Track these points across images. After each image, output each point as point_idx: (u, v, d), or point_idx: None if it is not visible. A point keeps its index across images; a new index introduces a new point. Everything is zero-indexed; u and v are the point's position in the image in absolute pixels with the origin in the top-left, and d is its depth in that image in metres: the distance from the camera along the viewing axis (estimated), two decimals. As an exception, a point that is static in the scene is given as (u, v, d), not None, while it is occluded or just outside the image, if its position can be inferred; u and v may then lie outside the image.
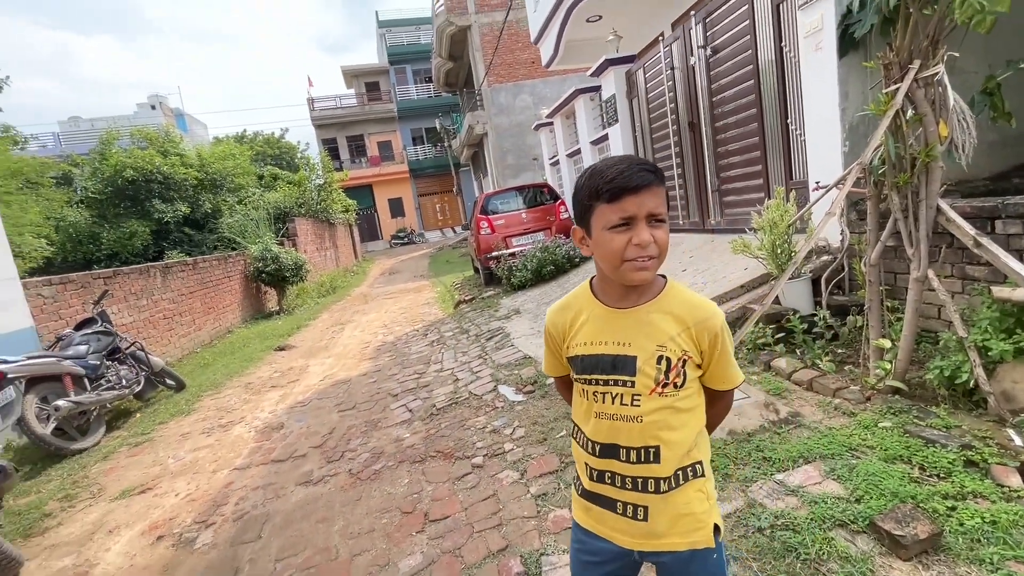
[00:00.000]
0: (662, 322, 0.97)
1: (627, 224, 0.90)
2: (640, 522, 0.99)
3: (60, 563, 2.52)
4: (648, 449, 0.97)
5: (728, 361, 1.01)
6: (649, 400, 0.97)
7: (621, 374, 0.97)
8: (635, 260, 0.91)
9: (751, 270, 3.79)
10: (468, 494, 2.50)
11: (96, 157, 12.75)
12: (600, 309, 1.01)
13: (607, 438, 1.00)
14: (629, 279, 0.94)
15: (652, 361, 0.96)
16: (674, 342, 0.96)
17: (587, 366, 1.01)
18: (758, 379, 2.87)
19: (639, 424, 0.97)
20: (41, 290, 4.97)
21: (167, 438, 4.06)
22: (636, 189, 0.89)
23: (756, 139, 4.45)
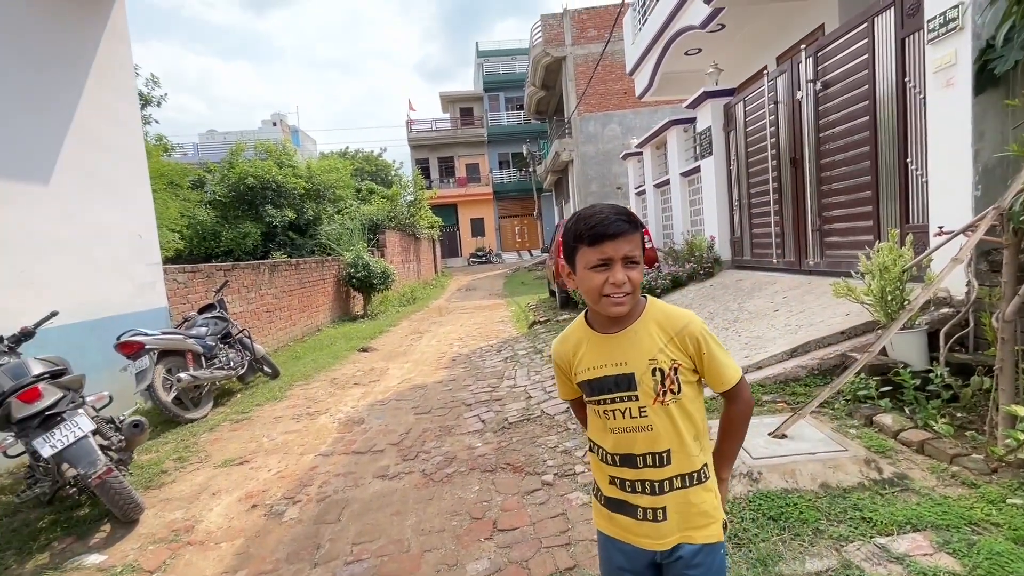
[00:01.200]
0: (648, 337, 1.07)
1: (605, 265, 1.02)
2: (660, 523, 1.08)
3: (172, 515, 2.83)
4: (659, 454, 1.07)
5: (719, 361, 1.08)
6: (655, 409, 1.06)
7: (624, 390, 1.08)
8: (611, 296, 1.02)
9: (853, 316, 3.52)
10: (537, 510, 2.52)
11: (225, 165, 14.46)
12: (595, 336, 1.13)
13: (624, 449, 1.09)
14: (607, 311, 1.05)
15: (648, 374, 1.06)
16: (663, 353, 1.06)
17: (594, 389, 1.12)
18: (857, 433, 2.65)
19: (650, 432, 1.07)
20: (177, 276, 5.70)
21: (263, 419, 4.45)
22: (614, 236, 1.00)
23: (868, 178, 4.17)
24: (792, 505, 2.14)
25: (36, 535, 2.69)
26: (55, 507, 2.93)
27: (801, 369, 3.32)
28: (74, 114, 4.49)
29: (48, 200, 4.12)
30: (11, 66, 3.94)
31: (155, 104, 13.96)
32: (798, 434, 2.62)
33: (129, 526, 2.72)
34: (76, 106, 4.52)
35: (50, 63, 4.30)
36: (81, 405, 2.73)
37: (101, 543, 2.60)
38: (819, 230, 4.86)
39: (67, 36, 4.50)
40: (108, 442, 2.85)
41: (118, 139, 4.95)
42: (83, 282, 4.37)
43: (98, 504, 2.84)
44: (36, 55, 4.17)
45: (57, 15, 4.41)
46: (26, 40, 4.09)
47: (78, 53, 4.62)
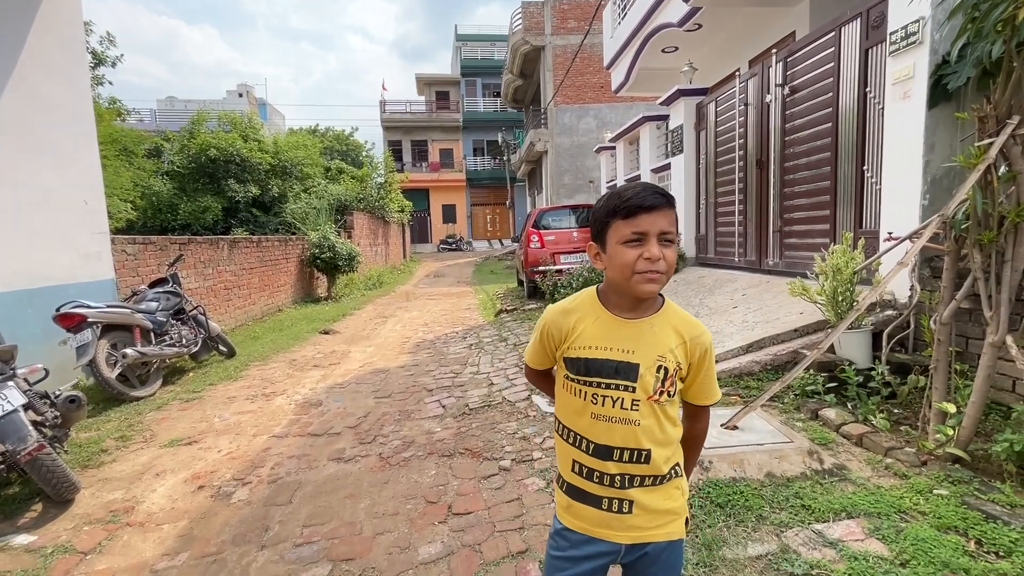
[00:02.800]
0: (663, 334, 1.06)
1: (639, 240, 0.99)
2: (625, 515, 1.06)
3: (111, 495, 2.70)
4: (640, 451, 1.05)
5: (713, 377, 1.12)
6: (647, 406, 1.05)
7: (623, 379, 1.05)
8: (645, 272, 0.99)
9: (807, 315, 3.66)
10: (493, 494, 2.53)
11: (185, 135, 13.77)
12: (607, 316, 1.09)
13: (603, 439, 1.06)
14: (638, 290, 1.02)
15: (652, 369, 1.04)
16: (672, 354, 1.06)
17: (590, 369, 1.07)
18: (803, 426, 2.76)
19: (636, 427, 1.05)
20: (126, 247, 5.41)
21: (215, 399, 4.30)
22: (650, 208, 0.99)
23: (827, 183, 4.33)
24: (739, 493, 2.21)
25: (-42, 514, 2.53)
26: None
27: (755, 364, 3.43)
28: (13, 68, 4.16)
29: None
30: (-59, 9, 3.62)
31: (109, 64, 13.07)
32: (749, 426, 2.71)
33: (63, 506, 2.58)
34: (16, 60, 4.19)
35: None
36: (11, 378, 2.56)
37: (31, 523, 2.46)
38: (780, 231, 5.02)
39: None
40: (42, 418, 2.69)
41: (64, 98, 4.62)
42: (19, 248, 4.09)
43: (29, 483, 2.69)
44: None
45: (-3, -43, 4.06)
46: (-40, -19, 3.76)
47: (21, 2, 4.27)
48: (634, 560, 1.09)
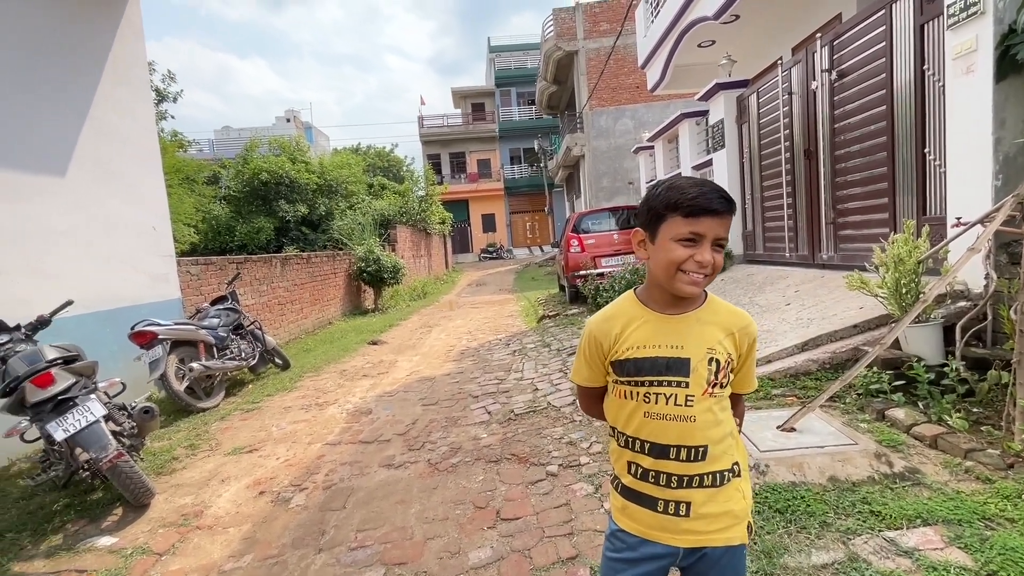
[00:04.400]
0: (710, 327, 1.05)
1: (693, 241, 0.97)
2: (681, 518, 1.03)
3: (182, 500, 2.88)
4: (698, 448, 1.02)
5: (754, 367, 1.13)
6: (702, 400, 1.02)
7: (675, 375, 1.03)
8: (690, 274, 0.99)
9: (867, 310, 3.45)
10: (541, 500, 2.51)
11: (240, 161, 14.62)
12: (650, 315, 1.07)
13: (658, 438, 1.04)
14: (679, 289, 1.01)
15: (704, 362, 1.02)
16: (721, 345, 1.04)
17: (639, 368, 1.05)
18: (868, 427, 2.59)
19: (692, 424, 1.02)
20: (190, 268, 5.79)
21: (272, 409, 4.50)
22: (714, 212, 0.96)
23: (884, 169, 4.08)
24: (799, 498, 2.10)
25: (51, 517, 2.76)
26: (70, 491, 2.99)
27: (812, 363, 3.26)
28: (89, 108, 4.56)
29: (64, 192, 4.20)
30: (29, 62, 4.02)
31: (171, 100, 14.12)
32: (807, 428, 2.58)
33: (140, 510, 2.77)
34: (91, 101, 4.59)
35: (66, 58, 4.37)
36: (93, 391, 2.78)
37: (113, 526, 2.66)
38: (833, 223, 4.77)
39: (83, 31, 4.57)
40: (120, 428, 2.90)
41: (132, 133, 5.02)
42: (98, 273, 4.45)
43: (111, 488, 2.90)
44: (53, 51, 4.24)
45: (73, 11, 4.48)
46: (43, 36, 4.16)
47: (94, 48, 4.69)
48: (693, 563, 1.06)
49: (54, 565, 2.34)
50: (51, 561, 2.37)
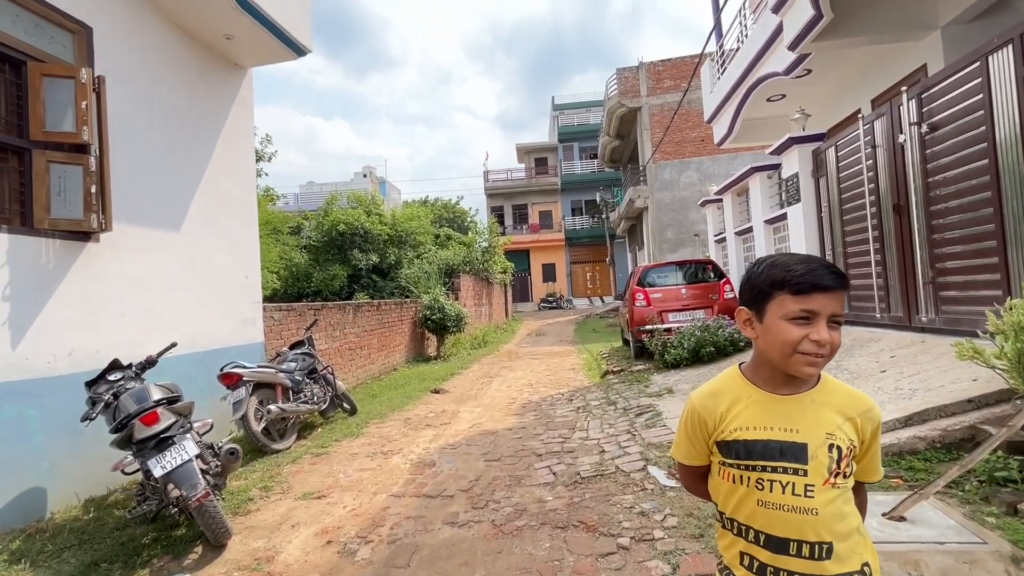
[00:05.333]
0: (827, 410, 0.98)
1: (807, 319, 0.93)
2: None
3: (255, 543, 2.96)
4: (822, 545, 0.93)
5: (879, 453, 1.04)
6: (823, 491, 0.94)
7: (791, 462, 0.95)
8: (808, 355, 0.93)
9: (983, 382, 3.08)
10: (612, 575, 2.35)
11: (321, 213, 15.85)
12: (760, 394, 1.01)
13: (775, 530, 0.96)
14: (797, 371, 0.96)
15: (824, 448, 0.95)
16: (841, 430, 0.96)
17: (750, 452, 0.98)
18: (997, 523, 2.25)
19: (814, 517, 0.93)
20: (273, 314, 6.22)
21: (340, 455, 4.61)
22: (826, 289, 0.93)
23: (991, 225, 3.74)
24: (918, 603, 1.83)
25: (140, 551, 2.92)
26: (157, 525, 3.17)
27: (919, 440, 2.92)
28: (204, 171, 5.17)
29: (178, 246, 4.72)
30: (162, 135, 4.66)
31: (267, 159, 15.78)
32: (920, 518, 2.28)
33: (218, 550, 2.87)
34: (206, 165, 5.21)
35: (190, 130, 5.03)
36: (189, 430, 2.99)
37: (193, 564, 2.76)
38: (932, 283, 4.38)
39: (205, 106, 5.27)
40: (207, 467, 3.08)
41: (236, 192, 5.61)
42: (197, 317, 4.88)
43: (193, 526, 3.04)
44: (181, 125, 4.90)
45: (201, 88, 5.19)
46: (174, 112, 4.84)
47: (212, 120, 5.37)
48: None
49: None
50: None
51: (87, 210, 3.62)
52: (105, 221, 3.74)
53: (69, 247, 3.69)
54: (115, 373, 3.32)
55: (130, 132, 4.25)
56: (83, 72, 3.59)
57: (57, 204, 3.53)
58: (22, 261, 3.39)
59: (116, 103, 4.02)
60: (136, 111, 4.35)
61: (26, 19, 3.51)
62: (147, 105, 4.50)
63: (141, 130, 4.40)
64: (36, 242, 3.47)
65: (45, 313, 3.53)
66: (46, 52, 3.60)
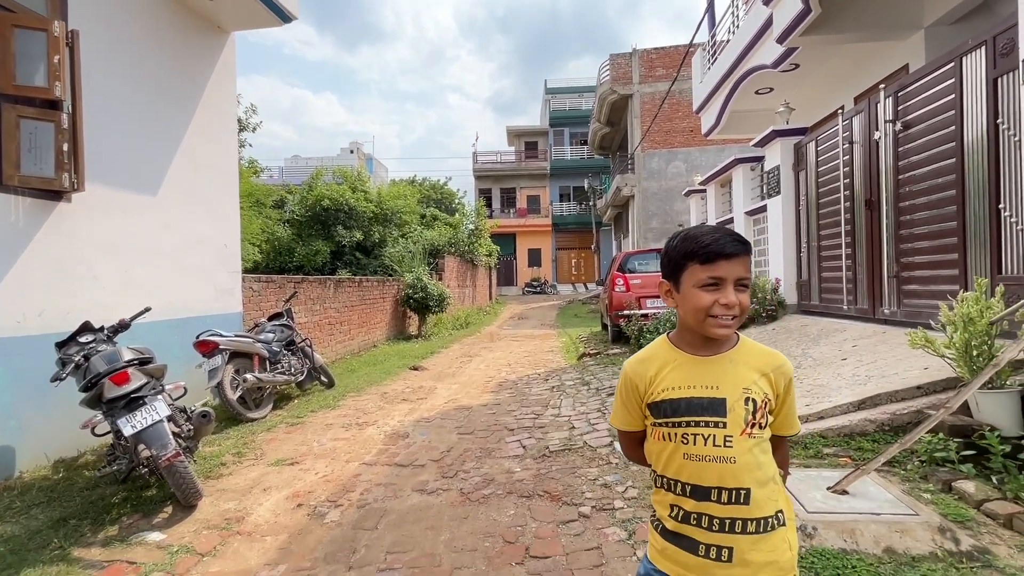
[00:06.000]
0: (743, 367, 1.06)
1: (716, 285, 1.01)
2: (724, 563, 1.01)
3: (226, 505, 3.01)
4: (740, 491, 1.01)
5: (795, 408, 1.13)
6: (740, 441, 1.02)
7: (712, 415, 1.03)
8: (719, 317, 1.01)
9: (933, 371, 3.24)
10: (572, 540, 2.46)
11: (305, 188, 15.60)
12: (684, 357, 1.10)
13: (699, 479, 1.03)
14: (712, 333, 1.04)
15: (740, 402, 1.03)
16: (757, 385, 1.04)
17: (676, 409, 1.07)
18: (932, 498, 2.40)
19: (732, 465, 1.02)
20: (252, 285, 6.18)
21: (315, 425, 4.65)
22: (730, 256, 1.01)
23: (953, 223, 3.89)
24: (849, 567, 1.97)
25: (109, 509, 2.94)
26: (128, 486, 3.19)
27: (869, 423, 3.07)
28: (183, 138, 5.07)
29: (154, 211, 4.64)
30: (140, 96, 4.54)
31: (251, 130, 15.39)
32: (861, 492, 2.42)
33: (188, 510, 2.91)
34: (185, 131, 5.11)
35: (169, 93, 4.92)
36: (161, 392, 3.00)
37: (162, 523, 2.80)
38: (896, 276, 4.54)
39: (186, 70, 5.14)
40: (179, 429, 3.10)
41: (216, 160, 5.52)
42: (174, 285, 4.84)
43: (164, 486, 3.07)
44: (159, 87, 4.79)
45: (181, 50, 5.06)
46: (153, 72, 4.71)
47: (193, 84, 5.25)
48: None
49: (108, 554, 2.49)
50: (106, 550, 2.52)
51: (59, 168, 3.55)
52: (77, 181, 3.67)
53: (40, 206, 3.62)
54: (86, 335, 3.29)
55: (106, 91, 4.14)
56: (56, 25, 3.49)
57: (27, 161, 3.45)
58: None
59: (91, 60, 3.91)
60: (113, 70, 4.24)
61: (-5, -34, 3.38)
62: (125, 64, 4.38)
63: (118, 90, 4.30)
64: (5, 199, 3.40)
65: (14, 272, 3.48)
66: (16, 2, 3.49)
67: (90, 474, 3.42)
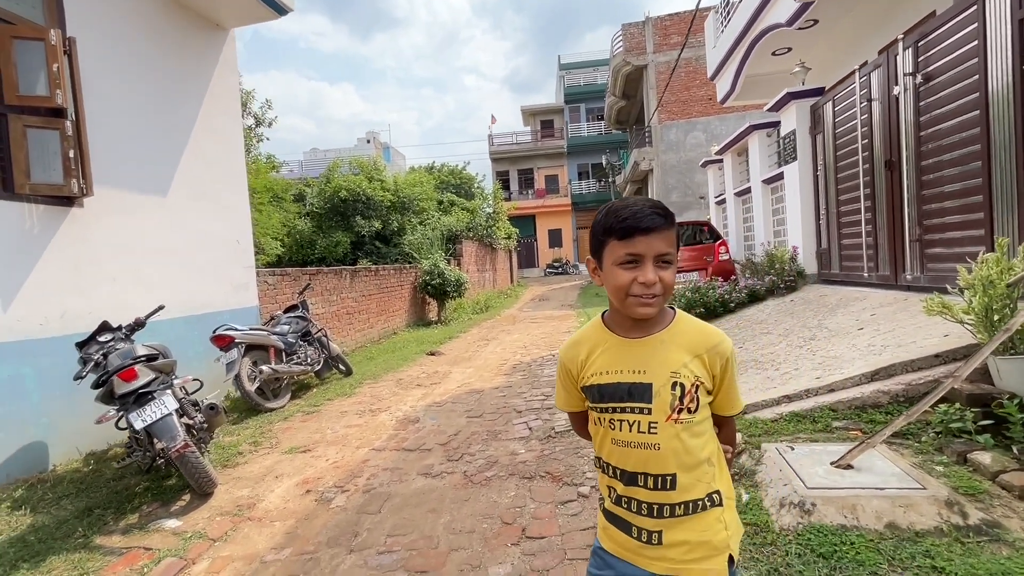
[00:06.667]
0: (674, 349, 1.00)
1: (634, 262, 0.95)
2: (654, 546, 1.01)
3: (240, 492, 3.12)
4: (665, 477, 0.99)
5: (736, 387, 1.06)
6: (665, 427, 0.98)
7: (638, 401, 0.99)
8: (639, 296, 0.96)
9: (953, 338, 3.08)
10: (568, 520, 2.46)
11: (323, 180, 15.79)
12: (614, 340, 1.05)
13: (626, 465, 1.02)
14: (632, 313, 0.99)
15: (667, 387, 0.98)
16: (687, 368, 0.99)
17: (604, 394, 1.03)
18: (944, 471, 2.29)
19: (656, 452, 0.99)
20: (267, 278, 6.32)
21: (330, 412, 4.77)
22: (647, 230, 0.94)
23: (978, 180, 3.65)
24: (848, 544, 1.91)
25: (132, 498, 3.10)
26: (151, 476, 3.35)
27: (883, 395, 2.95)
28: (190, 135, 5.17)
29: (164, 210, 4.77)
30: (143, 98, 4.64)
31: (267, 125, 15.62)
32: (867, 466, 2.33)
33: (204, 498, 3.04)
34: (191, 129, 5.20)
35: (174, 92, 5.00)
36: (170, 387, 3.11)
37: (180, 510, 2.93)
38: (919, 240, 4.31)
39: (188, 68, 5.21)
40: (192, 421, 3.22)
41: (223, 156, 5.61)
42: (189, 282, 4.98)
43: (183, 476, 3.21)
44: (163, 87, 4.87)
45: (181, 50, 5.12)
46: (157, 71, 4.80)
47: (196, 82, 5.32)
48: None
49: (127, 541, 2.62)
50: (126, 537, 2.66)
51: (67, 175, 3.66)
52: (86, 186, 3.79)
53: (53, 212, 3.75)
54: (105, 334, 3.43)
55: (109, 95, 4.24)
56: (52, 34, 3.57)
57: (37, 169, 3.57)
58: (7, 226, 3.47)
59: (92, 65, 4.00)
60: (114, 73, 4.33)
61: (-9, -21, 3.47)
62: (125, 68, 4.47)
63: (121, 93, 4.39)
64: (19, 207, 3.55)
65: (34, 277, 3.64)
66: (14, 13, 3.58)
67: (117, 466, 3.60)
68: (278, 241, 13.21)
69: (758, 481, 2.45)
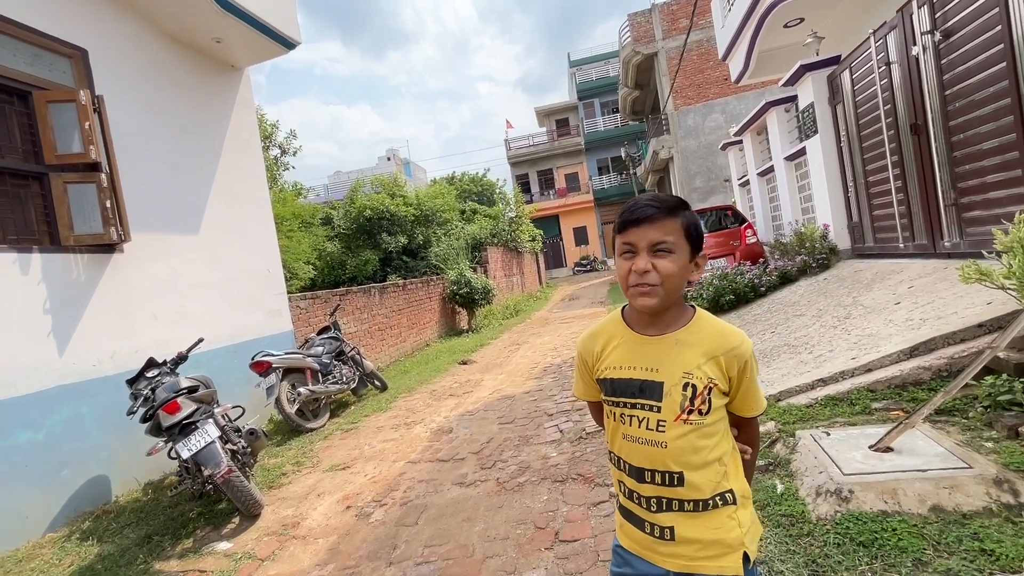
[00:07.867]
0: (690, 350, 1.01)
1: (631, 252, 0.99)
2: (667, 542, 1.01)
3: (285, 512, 3.25)
4: (672, 474, 1.00)
5: (756, 388, 1.05)
6: (674, 427, 0.99)
7: (648, 399, 1.01)
8: (637, 286, 0.98)
9: (997, 305, 2.91)
10: (601, 522, 2.46)
11: (347, 201, 16.22)
12: (630, 335, 1.07)
13: (634, 460, 1.04)
14: (634, 303, 1.02)
15: (679, 387, 0.99)
16: (700, 370, 0.99)
17: (616, 389, 1.05)
18: (994, 447, 2.18)
19: (663, 450, 0.99)
20: (299, 303, 6.54)
21: (367, 428, 4.90)
22: (638, 221, 0.97)
23: (1012, 135, 3.44)
24: (890, 530, 1.84)
25: (187, 524, 3.27)
26: (203, 501, 3.52)
27: (924, 371, 2.82)
28: (215, 175, 5.43)
29: (197, 248, 5.02)
30: (170, 144, 4.91)
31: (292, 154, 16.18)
32: (908, 448, 2.23)
33: (252, 520, 3.18)
34: (216, 168, 5.46)
35: (196, 134, 5.27)
36: (211, 415, 3.27)
37: (230, 533, 3.08)
38: (955, 204, 4.09)
39: (208, 110, 5.48)
40: (236, 447, 3.37)
41: (247, 190, 5.86)
42: (225, 313, 5.22)
43: (231, 500, 3.36)
44: (187, 131, 5.14)
45: (199, 94, 5.39)
46: (182, 119, 5.07)
47: (217, 124, 5.59)
48: None
49: (183, 565, 2.77)
50: (182, 561, 2.81)
51: (106, 224, 3.91)
52: (123, 232, 4.03)
53: (96, 260, 4.01)
54: (152, 370, 3.64)
55: (137, 145, 4.50)
56: (82, 94, 3.83)
57: (79, 221, 3.83)
58: (56, 277, 3.74)
59: (120, 119, 4.26)
60: (141, 124, 4.60)
61: (24, 51, 3.75)
62: (151, 117, 4.74)
63: (148, 142, 4.66)
64: (65, 258, 3.81)
65: (84, 321, 3.89)
66: (48, 79, 3.85)
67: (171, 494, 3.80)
68: (310, 265, 13.62)
69: (793, 470, 2.38)
